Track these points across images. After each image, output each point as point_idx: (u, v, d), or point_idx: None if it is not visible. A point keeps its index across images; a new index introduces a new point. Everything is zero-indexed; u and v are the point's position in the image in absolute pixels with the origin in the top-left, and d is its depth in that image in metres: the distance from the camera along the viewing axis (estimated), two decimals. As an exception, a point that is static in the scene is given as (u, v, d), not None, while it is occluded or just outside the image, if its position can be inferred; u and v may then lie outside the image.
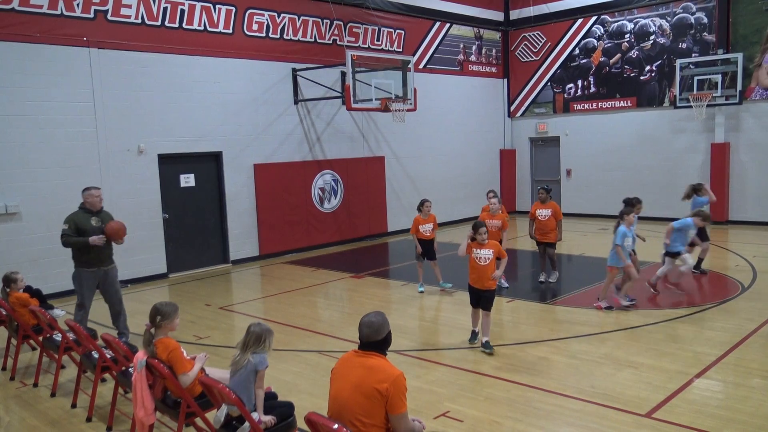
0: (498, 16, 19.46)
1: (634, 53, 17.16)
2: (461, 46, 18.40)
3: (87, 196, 7.58)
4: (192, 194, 12.71)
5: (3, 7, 9.97)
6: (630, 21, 17.14)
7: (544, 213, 10.14)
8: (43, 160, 10.50)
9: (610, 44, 17.57)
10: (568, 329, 7.91)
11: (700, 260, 10.56)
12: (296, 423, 4.47)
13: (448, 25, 17.84)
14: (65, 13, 10.64)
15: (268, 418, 4.24)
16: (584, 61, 18.14)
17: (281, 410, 4.40)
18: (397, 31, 16.48)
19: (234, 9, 12.92)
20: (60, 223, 7.60)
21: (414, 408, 5.65)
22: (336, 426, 3.42)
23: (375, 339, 3.65)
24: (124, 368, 5.38)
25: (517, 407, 5.63)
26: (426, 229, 10.14)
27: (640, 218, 9.64)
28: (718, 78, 15.17)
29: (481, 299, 7.10)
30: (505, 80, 19.94)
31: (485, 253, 7.03)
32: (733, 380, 6.11)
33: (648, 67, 16.96)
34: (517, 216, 19.66)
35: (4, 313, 7.31)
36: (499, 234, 9.41)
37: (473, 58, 18.84)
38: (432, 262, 10.22)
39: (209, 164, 12.92)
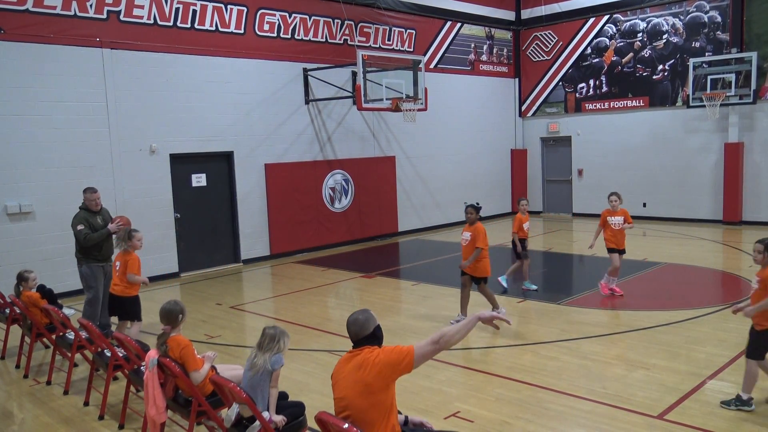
0: (509, 15, 19.40)
1: (646, 52, 17.04)
2: (472, 45, 18.35)
3: (87, 199, 7.91)
4: (203, 194, 12.76)
5: (17, 9, 10.06)
6: (642, 20, 17.03)
7: (465, 237, 8.24)
8: (56, 159, 10.59)
9: (622, 43, 17.47)
10: (579, 330, 7.88)
11: None
12: (306, 422, 4.48)
13: (459, 24, 17.81)
14: (78, 13, 10.71)
15: (279, 418, 4.25)
16: (596, 60, 18.04)
17: (292, 410, 4.42)
18: (408, 30, 16.46)
19: (245, 9, 12.97)
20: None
21: (424, 408, 5.65)
22: (346, 426, 3.42)
23: (363, 335, 3.71)
24: (136, 367, 5.41)
25: (528, 408, 5.61)
26: (527, 226, 10.16)
27: (652, 218, 9.39)
28: (732, 77, 15.02)
29: None
30: (517, 80, 19.87)
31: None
32: (746, 382, 6.05)
33: (661, 67, 16.84)
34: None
35: (18, 311, 7.38)
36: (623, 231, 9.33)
37: (484, 57, 18.79)
38: (526, 260, 10.23)
39: (221, 164, 12.97)
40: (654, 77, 16.96)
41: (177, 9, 11.91)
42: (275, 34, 13.58)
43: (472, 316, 3.68)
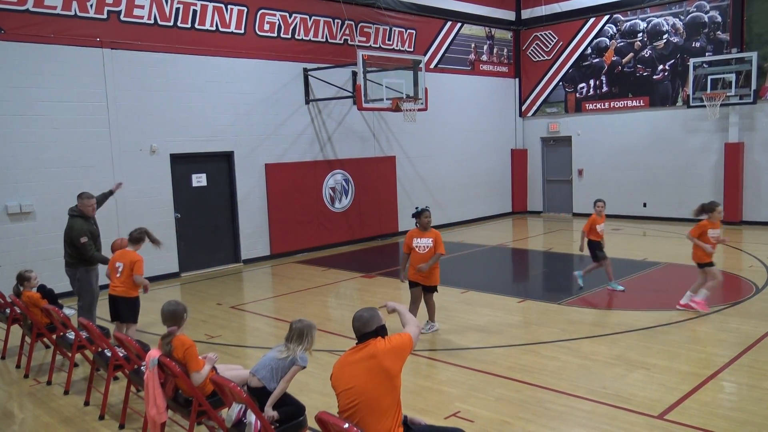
0: (509, 15, 19.40)
1: (646, 52, 17.04)
2: (472, 45, 18.35)
3: (83, 204, 7.78)
4: (204, 194, 12.77)
5: (18, 9, 10.06)
6: (643, 20, 17.03)
7: (423, 243, 7.59)
8: (56, 159, 10.59)
9: (622, 43, 17.47)
10: (579, 330, 7.88)
11: None
12: (306, 422, 4.48)
13: (459, 24, 17.81)
14: (79, 13, 10.72)
15: (273, 413, 4.28)
16: (596, 60, 18.04)
17: (289, 408, 4.42)
18: (409, 30, 16.46)
19: (246, 9, 12.97)
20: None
21: (424, 408, 5.66)
22: (346, 426, 3.43)
23: (366, 331, 3.80)
24: (136, 367, 5.41)
25: (528, 408, 5.62)
26: (602, 228, 9.73)
27: (652, 218, 9.22)
28: (732, 77, 15.01)
29: None
30: (517, 80, 19.87)
31: None
32: (746, 382, 6.05)
33: (661, 67, 16.84)
34: (528, 216, 19.61)
35: (19, 311, 7.38)
36: None
37: (485, 57, 18.79)
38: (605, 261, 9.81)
39: (221, 164, 12.97)
40: (654, 77, 16.96)
41: (177, 9, 11.91)
42: (275, 34, 13.58)
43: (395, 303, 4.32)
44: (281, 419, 4.33)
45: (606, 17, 17.71)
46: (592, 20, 18.02)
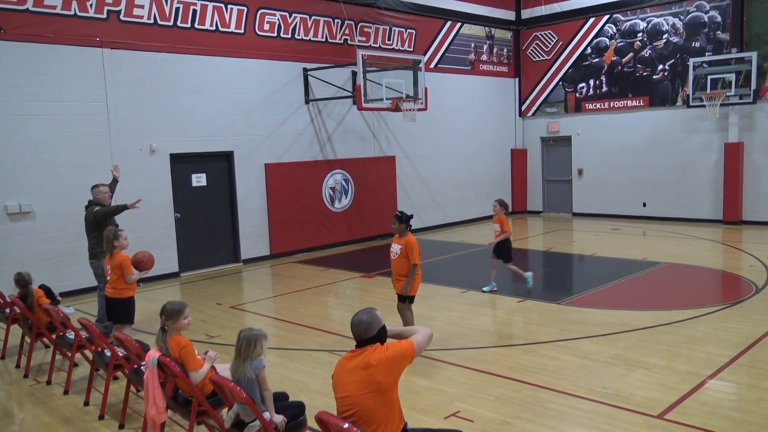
0: (509, 15, 19.40)
1: (646, 52, 17.04)
2: (472, 45, 18.35)
3: (97, 193, 8.14)
4: (203, 194, 12.76)
5: (17, 8, 10.06)
6: (642, 20, 17.03)
7: (395, 249, 7.04)
8: (56, 159, 10.58)
9: (622, 43, 17.47)
10: (579, 329, 7.88)
11: None
12: (306, 422, 4.48)
13: (459, 24, 17.81)
14: (78, 13, 10.71)
15: (280, 419, 4.25)
16: (596, 60, 18.04)
17: (292, 411, 4.41)
18: (408, 30, 16.46)
19: (245, 9, 12.97)
20: (73, 222, 7.97)
21: (424, 407, 5.66)
22: (346, 425, 3.42)
23: (366, 336, 3.68)
24: (136, 366, 5.41)
25: (528, 407, 5.62)
26: (495, 228, 9.96)
27: (652, 218, 9.25)
28: (732, 77, 15.02)
29: None
30: (517, 80, 19.86)
31: None
32: (746, 381, 6.06)
33: (661, 66, 16.84)
34: (528, 215, 19.62)
35: (18, 311, 7.38)
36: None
37: (484, 57, 18.79)
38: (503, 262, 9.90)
39: (221, 164, 12.97)
40: (654, 77, 16.96)
41: (177, 9, 11.90)
42: (275, 34, 13.58)
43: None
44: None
45: (606, 17, 17.71)
46: (591, 20, 18.02)
